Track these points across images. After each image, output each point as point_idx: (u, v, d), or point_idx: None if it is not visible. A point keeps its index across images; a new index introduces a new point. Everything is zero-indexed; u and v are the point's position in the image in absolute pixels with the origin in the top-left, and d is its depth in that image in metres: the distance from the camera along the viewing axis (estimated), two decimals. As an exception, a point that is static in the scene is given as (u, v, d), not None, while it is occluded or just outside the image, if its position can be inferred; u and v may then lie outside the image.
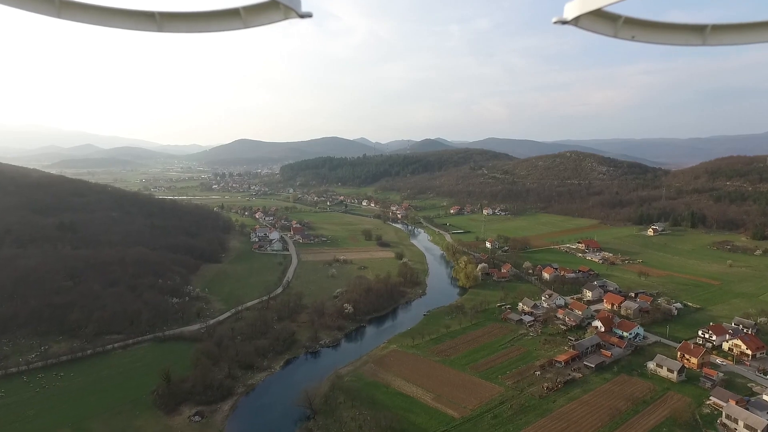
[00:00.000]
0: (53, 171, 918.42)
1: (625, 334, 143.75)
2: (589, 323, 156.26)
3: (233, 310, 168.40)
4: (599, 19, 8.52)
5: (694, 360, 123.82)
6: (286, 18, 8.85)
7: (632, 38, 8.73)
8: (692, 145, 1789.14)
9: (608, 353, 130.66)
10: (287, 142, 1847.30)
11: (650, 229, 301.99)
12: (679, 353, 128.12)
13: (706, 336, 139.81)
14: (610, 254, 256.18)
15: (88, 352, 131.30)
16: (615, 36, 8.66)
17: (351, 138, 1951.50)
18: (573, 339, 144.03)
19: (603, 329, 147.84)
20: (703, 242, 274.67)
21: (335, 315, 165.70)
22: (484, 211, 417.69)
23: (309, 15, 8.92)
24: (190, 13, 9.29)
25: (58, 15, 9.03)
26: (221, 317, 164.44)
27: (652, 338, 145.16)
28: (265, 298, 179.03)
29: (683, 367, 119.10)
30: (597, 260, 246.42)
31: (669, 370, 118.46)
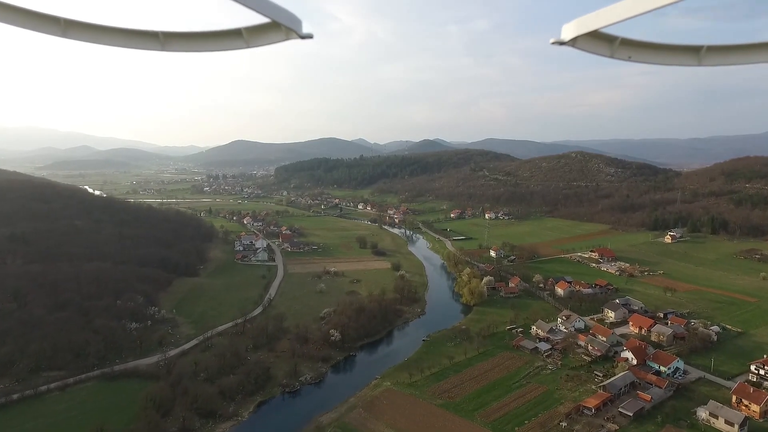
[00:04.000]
0: (45, 172, 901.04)
1: (662, 368, 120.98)
2: (617, 352, 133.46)
3: (202, 337, 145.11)
4: (596, 41, 8.43)
5: (755, 407, 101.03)
6: (287, 39, 8.78)
7: (629, 59, 8.66)
8: (692, 145, 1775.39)
9: (647, 396, 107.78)
10: (285, 143, 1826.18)
11: (667, 236, 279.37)
12: (734, 397, 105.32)
13: (762, 372, 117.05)
14: (627, 264, 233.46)
15: (14, 396, 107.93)
16: (612, 56, 8.56)
17: (349, 139, 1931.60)
18: (600, 375, 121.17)
19: (635, 362, 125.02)
20: (727, 251, 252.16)
21: (320, 342, 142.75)
22: (487, 215, 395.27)
23: (310, 36, 8.89)
24: (194, 33, 9.17)
25: (64, 35, 8.89)
26: (187, 345, 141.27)
27: (694, 373, 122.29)
28: (240, 320, 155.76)
29: (746, 418, 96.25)
30: (613, 272, 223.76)
31: (728, 422, 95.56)
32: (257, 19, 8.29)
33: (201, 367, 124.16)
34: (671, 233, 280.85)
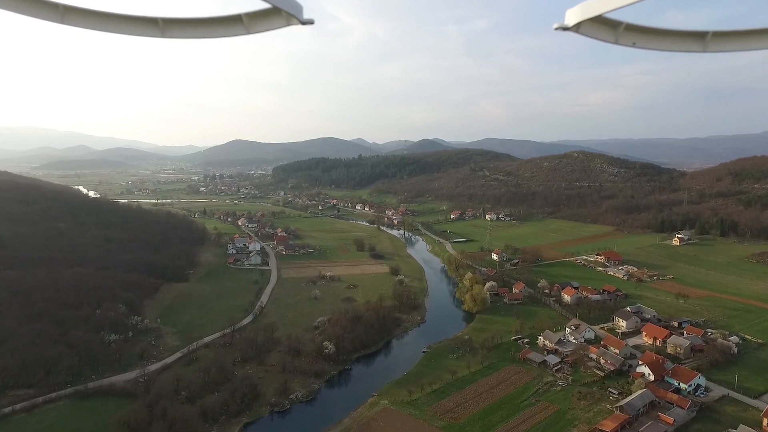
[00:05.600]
0: (41, 172, 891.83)
1: (682, 386, 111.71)
2: (631, 366, 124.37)
3: (186, 349, 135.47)
4: (600, 26, 8.33)
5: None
6: (288, 24, 8.67)
7: (633, 45, 8.47)
8: (691, 144, 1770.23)
9: (669, 419, 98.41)
10: (283, 143, 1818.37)
11: (675, 238, 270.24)
12: (765, 420, 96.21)
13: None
14: (635, 268, 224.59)
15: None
16: (616, 42, 8.45)
17: (348, 138, 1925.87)
18: (615, 392, 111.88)
19: (652, 378, 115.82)
20: (738, 254, 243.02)
21: (313, 355, 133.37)
22: (488, 217, 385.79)
23: (311, 22, 8.79)
24: (193, 19, 9.13)
25: (62, 21, 8.74)
26: (170, 359, 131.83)
27: (717, 390, 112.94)
28: (228, 331, 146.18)
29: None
30: (621, 276, 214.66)
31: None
32: (257, 5, 8.18)
33: (183, 384, 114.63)
34: (679, 235, 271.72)
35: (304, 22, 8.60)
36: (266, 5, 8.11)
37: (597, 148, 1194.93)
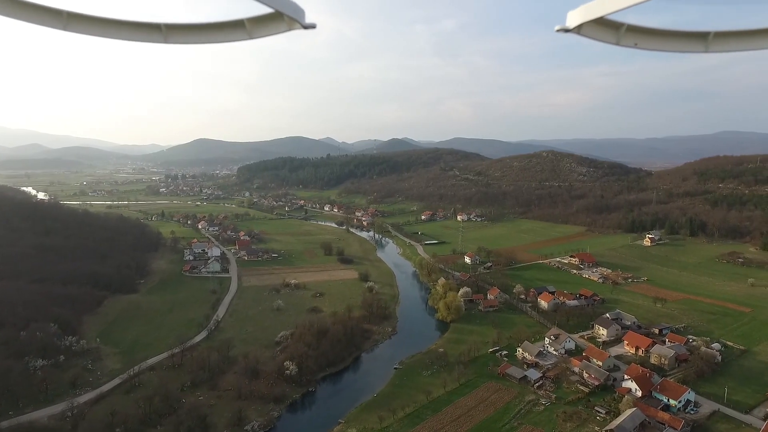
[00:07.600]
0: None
1: (672, 402, 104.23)
2: (616, 380, 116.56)
3: (126, 375, 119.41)
4: (602, 27, 8.24)
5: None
6: (290, 29, 8.66)
7: (635, 45, 8.44)
8: (649, 144, 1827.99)
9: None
10: (250, 142, 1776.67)
11: (646, 239, 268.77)
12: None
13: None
14: (609, 270, 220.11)
15: None
16: (618, 44, 8.35)
17: (317, 138, 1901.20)
18: (603, 412, 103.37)
19: (640, 394, 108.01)
20: (708, 254, 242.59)
21: (273, 376, 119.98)
22: (459, 217, 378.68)
23: (312, 26, 8.67)
24: (195, 25, 9.14)
25: (65, 28, 8.71)
26: (107, 386, 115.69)
27: (707, 405, 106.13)
28: (177, 350, 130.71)
29: (786, 474, 79.71)
30: (596, 279, 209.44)
31: (765, 478, 78.76)
32: (259, 9, 8.10)
33: (119, 418, 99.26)
34: (650, 235, 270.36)
35: (306, 27, 8.45)
36: (268, 10, 7.95)
37: (563, 147, 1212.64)
